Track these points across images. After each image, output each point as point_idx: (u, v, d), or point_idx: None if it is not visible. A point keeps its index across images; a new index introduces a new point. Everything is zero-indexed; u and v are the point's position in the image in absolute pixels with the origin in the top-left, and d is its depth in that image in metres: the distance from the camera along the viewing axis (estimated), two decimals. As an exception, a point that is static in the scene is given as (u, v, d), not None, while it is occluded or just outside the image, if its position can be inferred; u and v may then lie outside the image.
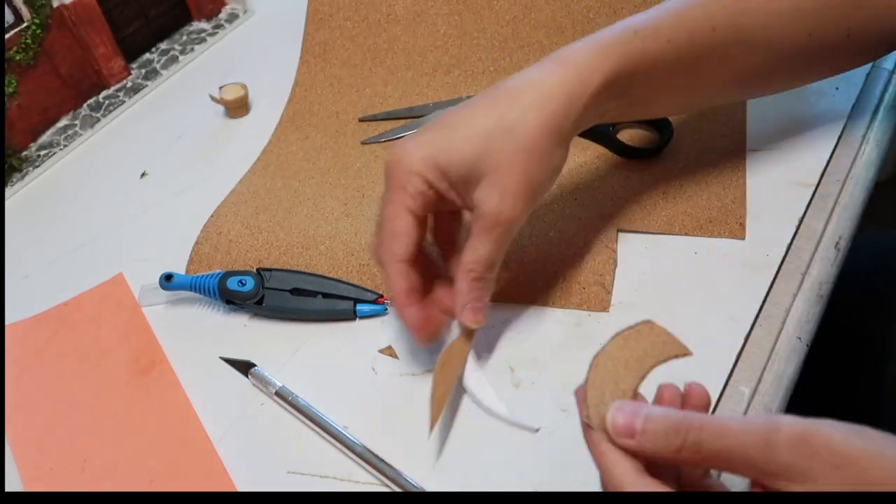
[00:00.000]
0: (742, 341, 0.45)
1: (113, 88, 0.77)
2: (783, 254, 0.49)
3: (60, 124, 0.73)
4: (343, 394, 0.48)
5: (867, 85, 0.59)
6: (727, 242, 0.50)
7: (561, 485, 0.41)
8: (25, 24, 0.67)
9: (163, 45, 0.81)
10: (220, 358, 0.51)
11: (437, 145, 0.42)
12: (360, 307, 0.51)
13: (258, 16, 0.86)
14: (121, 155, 0.71)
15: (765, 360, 0.45)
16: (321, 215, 0.58)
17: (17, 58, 0.67)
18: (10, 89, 0.67)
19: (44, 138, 0.72)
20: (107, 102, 0.75)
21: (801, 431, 0.29)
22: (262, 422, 0.47)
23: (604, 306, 0.49)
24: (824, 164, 0.54)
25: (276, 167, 0.64)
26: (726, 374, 0.44)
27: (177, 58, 0.80)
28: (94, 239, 0.63)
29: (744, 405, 0.43)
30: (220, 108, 0.72)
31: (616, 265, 0.50)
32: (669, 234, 0.52)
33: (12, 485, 0.47)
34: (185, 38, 0.82)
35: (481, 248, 0.42)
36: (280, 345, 0.51)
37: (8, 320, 0.57)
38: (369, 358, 0.49)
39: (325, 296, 0.51)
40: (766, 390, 0.43)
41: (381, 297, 0.51)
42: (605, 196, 0.54)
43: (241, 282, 0.52)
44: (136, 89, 0.77)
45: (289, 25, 0.75)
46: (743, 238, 0.50)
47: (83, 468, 0.47)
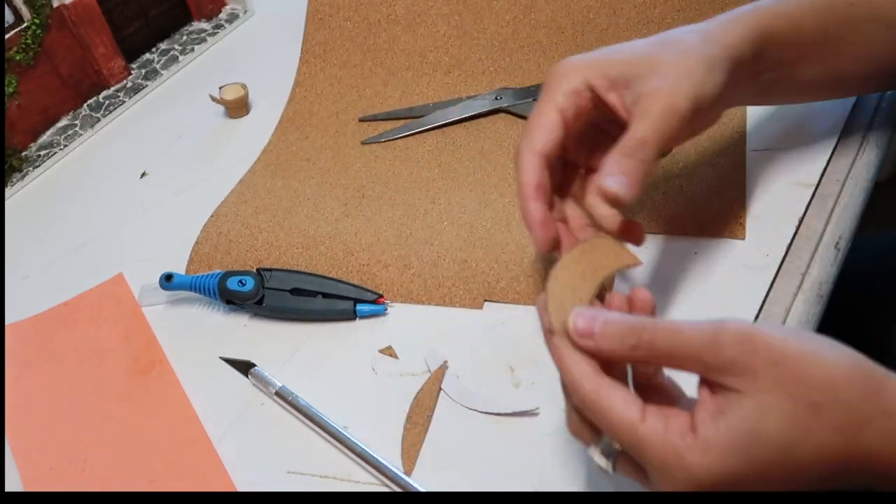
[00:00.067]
0: (742, 341, 0.45)
1: (113, 88, 0.77)
2: (783, 254, 0.49)
3: (60, 124, 0.74)
4: (343, 394, 0.48)
5: (867, 85, 0.59)
6: (727, 242, 0.50)
7: (561, 485, 0.41)
8: (25, 24, 0.67)
9: (163, 45, 0.81)
10: (220, 358, 0.51)
11: (601, 52, 0.42)
12: (360, 307, 0.51)
13: (258, 16, 0.86)
14: (121, 155, 0.71)
15: (765, 360, 0.44)
16: (321, 215, 0.58)
17: (18, 58, 0.67)
18: (10, 89, 0.67)
19: (44, 138, 0.72)
20: (107, 102, 0.76)
21: (745, 331, 0.31)
22: (262, 422, 0.47)
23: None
24: (824, 164, 0.54)
25: (276, 167, 0.64)
26: (726, 374, 0.44)
27: (177, 58, 0.80)
28: (94, 239, 0.63)
29: (744, 405, 0.43)
30: (220, 108, 0.72)
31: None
32: (669, 234, 0.52)
33: (12, 485, 0.47)
34: (185, 38, 0.82)
35: (640, 127, 0.39)
36: (280, 345, 0.51)
37: (8, 320, 0.57)
38: (369, 358, 0.49)
39: (325, 296, 0.51)
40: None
41: (380, 297, 0.51)
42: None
43: (241, 282, 0.52)
44: (136, 89, 0.77)
45: (289, 25, 0.75)
46: (743, 238, 0.50)
47: (83, 468, 0.47)
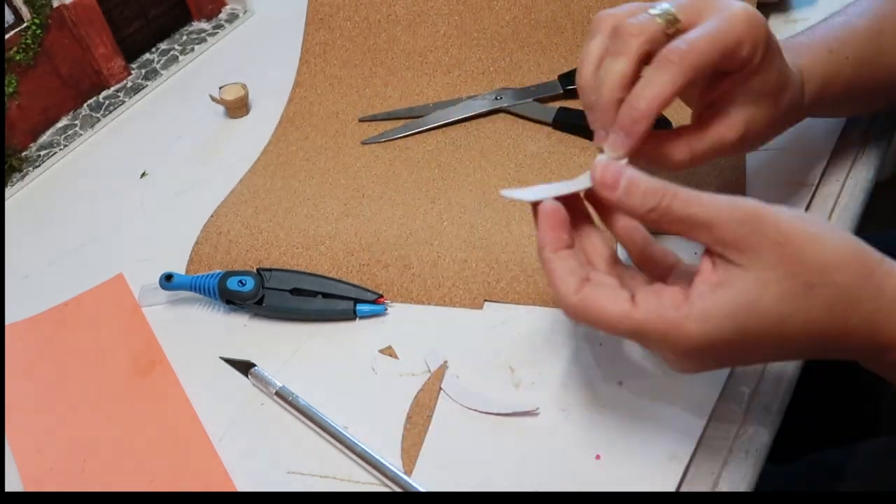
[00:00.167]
0: (742, 341, 0.45)
1: (113, 88, 0.77)
2: (783, 254, 0.49)
3: (60, 124, 0.74)
4: (343, 394, 0.48)
5: (867, 85, 0.59)
6: (727, 242, 0.50)
7: (560, 485, 0.41)
8: (25, 24, 0.67)
9: (163, 45, 0.81)
10: (220, 358, 0.51)
11: None
12: (360, 307, 0.51)
13: (258, 16, 0.86)
14: (121, 155, 0.71)
15: (765, 360, 0.45)
16: (321, 215, 0.58)
17: (18, 58, 0.67)
18: (10, 89, 0.67)
19: (44, 138, 0.72)
20: (107, 102, 0.76)
21: (756, 209, 0.33)
22: (262, 422, 0.47)
23: None
24: (824, 164, 0.54)
25: (276, 167, 0.64)
26: (726, 374, 0.44)
27: (177, 58, 0.80)
28: (94, 239, 0.63)
29: (744, 405, 0.43)
30: (220, 108, 0.72)
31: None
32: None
33: (12, 485, 0.47)
34: (185, 38, 0.82)
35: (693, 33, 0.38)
36: (280, 345, 0.51)
37: (8, 320, 0.57)
38: (369, 358, 0.49)
39: (325, 296, 0.51)
40: (766, 390, 0.43)
41: (381, 296, 0.51)
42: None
43: (241, 282, 0.52)
44: (136, 89, 0.77)
45: (289, 25, 0.75)
46: (743, 238, 0.50)
47: (83, 468, 0.47)
